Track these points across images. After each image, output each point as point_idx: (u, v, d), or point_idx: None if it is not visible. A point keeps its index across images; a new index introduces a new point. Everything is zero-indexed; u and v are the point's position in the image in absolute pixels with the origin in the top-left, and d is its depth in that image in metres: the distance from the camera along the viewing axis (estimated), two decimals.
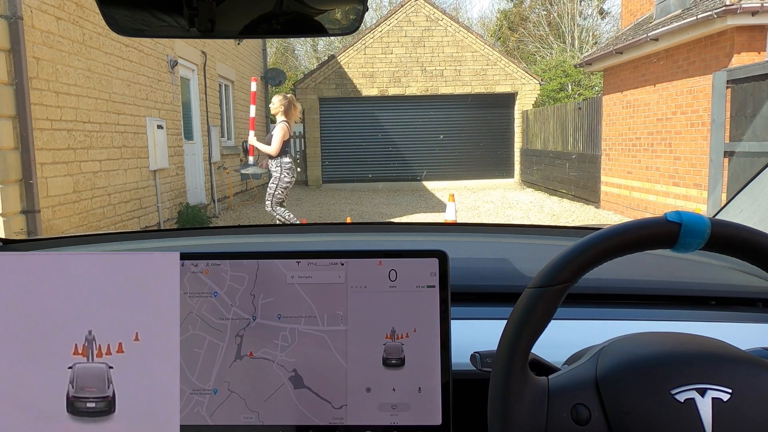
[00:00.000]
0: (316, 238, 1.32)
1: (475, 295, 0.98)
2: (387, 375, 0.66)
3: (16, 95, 4.48)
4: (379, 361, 0.67)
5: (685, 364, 0.56)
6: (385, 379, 0.66)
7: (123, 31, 0.69)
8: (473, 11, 41.41)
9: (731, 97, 6.40)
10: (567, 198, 11.68)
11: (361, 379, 0.67)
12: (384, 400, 0.66)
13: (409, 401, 0.67)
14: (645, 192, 9.06)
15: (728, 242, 0.54)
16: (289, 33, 0.73)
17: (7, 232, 4.35)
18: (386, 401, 0.64)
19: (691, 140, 7.80)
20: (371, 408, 0.66)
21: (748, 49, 6.87)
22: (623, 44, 9.06)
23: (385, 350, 0.67)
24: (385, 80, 14.78)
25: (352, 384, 0.67)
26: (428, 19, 14.76)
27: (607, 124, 10.29)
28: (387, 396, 0.65)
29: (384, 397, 0.66)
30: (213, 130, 10.09)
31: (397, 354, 0.67)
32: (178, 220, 8.17)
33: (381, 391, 0.66)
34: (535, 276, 0.57)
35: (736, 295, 1.00)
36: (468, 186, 14.54)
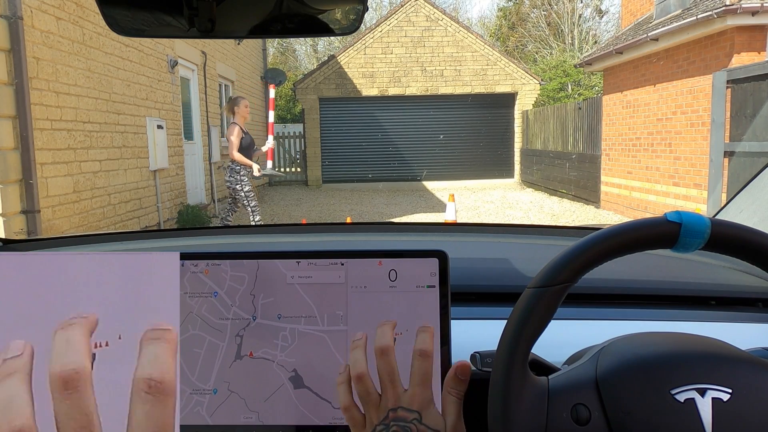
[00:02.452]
0: (316, 238, 1.32)
1: (475, 295, 0.98)
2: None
3: (16, 95, 4.48)
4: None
5: (685, 364, 0.56)
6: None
7: (123, 31, 0.69)
8: (473, 11, 41.43)
9: (731, 97, 6.40)
10: (567, 198, 11.68)
11: None
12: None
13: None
14: (645, 192, 9.06)
15: (728, 242, 0.54)
16: (289, 33, 0.73)
17: (7, 232, 4.35)
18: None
19: (691, 140, 7.80)
20: None
21: (748, 49, 6.87)
22: (623, 44, 9.06)
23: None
24: (385, 80, 14.79)
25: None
26: (428, 19, 14.76)
27: (607, 124, 10.29)
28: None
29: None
30: (213, 130, 10.09)
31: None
32: (178, 220, 8.17)
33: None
34: (535, 276, 0.57)
35: (736, 295, 1.00)
36: (468, 186, 14.55)
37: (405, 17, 14.73)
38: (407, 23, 14.73)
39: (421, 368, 0.61)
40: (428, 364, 0.61)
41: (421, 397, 0.60)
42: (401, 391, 0.60)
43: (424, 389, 0.60)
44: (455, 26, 14.92)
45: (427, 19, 14.76)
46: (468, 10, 38.06)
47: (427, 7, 14.76)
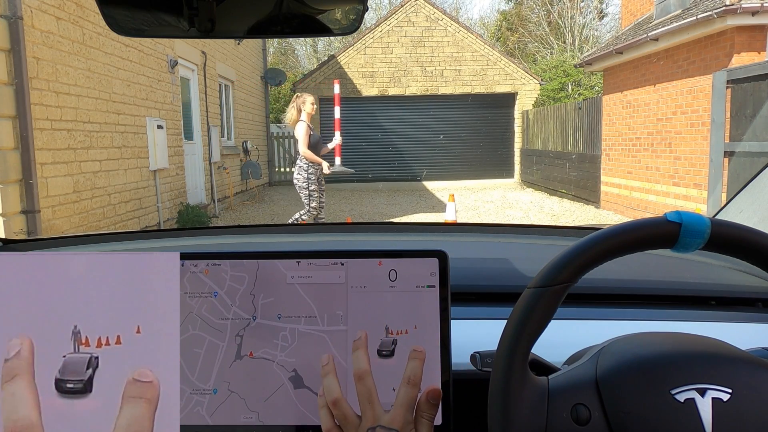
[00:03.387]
0: (316, 238, 1.32)
1: (476, 295, 0.98)
2: (387, 375, 0.66)
3: (16, 95, 4.48)
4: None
5: (685, 364, 0.56)
6: (386, 379, 0.66)
7: (123, 31, 0.69)
8: (473, 11, 41.43)
9: (731, 97, 6.40)
10: (567, 198, 11.68)
11: None
12: (384, 400, 0.66)
13: None
14: (645, 192, 9.06)
15: (728, 242, 0.54)
16: (289, 33, 0.73)
17: (7, 232, 4.35)
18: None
19: (691, 140, 7.80)
20: None
21: (748, 49, 6.87)
22: (623, 44, 9.06)
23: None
24: (385, 80, 14.78)
25: (353, 384, 0.67)
26: (428, 19, 14.76)
27: (607, 124, 10.29)
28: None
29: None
30: (213, 130, 10.09)
31: (386, 347, 0.67)
32: (178, 220, 8.17)
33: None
34: (535, 276, 0.57)
35: (736, 295, 1.00)
36: (468, 186, 14.54)
37: (405, 17, 14.72)
38: (407, 23, 14.73)
39: (408, 394, 0.62)
40: (415, 392, 0.62)
41: (402, 420, 0.61)
42: (381, 412, 0.62)
43: (406, 412, 0.62)
44: (455, 26, 14.92)
45: (427, 19, 14.76)
46: (468, 10, 38.09)
47: (427, 7, 14.76)
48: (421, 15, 14.73)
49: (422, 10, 14.72)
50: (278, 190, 14.43)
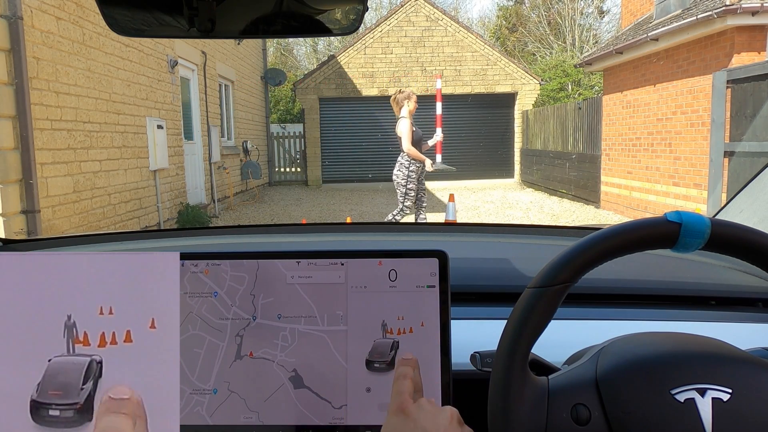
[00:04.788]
0: (316, 238, 1.32)
1: (476, 295, 0.98)
2: (387, 375, 0.66)
3: (16, 95, 4.48)
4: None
5: (685, 364, 0.56)
6: (386, 379, 0.66)
7: (123, 31, 0.69)
8: (473, 11, 41.43)
9: (731, 97, 6.40)
10: (567, 198, 11.68)
11: (361, 379, 0.67)
12: (384, 400, 0.66)
13: None
14: (645, 192, 9.06)
15: (728, 242, 0.54)
16: (289, 33, 0.73)
17: (7, 232, 4.35)
18: (387, 401, 0.64)
19: (691, 140, 7.80)
20: (371, 408, 0.66)
21: (748, 49, 6.87)
22: (623, 44, 9.06)
23: (371, 351, 0.67)
24: (385, 80, 14.78)
25: (352, 384, 0.67)
26: (428, 19, 14.76)
27: (607, 124, 10.29)
28: (387, 396, 0.65)
29: (384, 397, 0.66)
30: (213, 130, 10.09)
31: (382, 357, 0.66)
32: (178, 220, 8.17)
33: (381, 391, 0.66)
34: (535, 276, 0.57)
35: (736, 295, 1.00)
36: (468, 186, 14.54)
37: (405, 17, 14.72)
38: (407, 23, 14.73)
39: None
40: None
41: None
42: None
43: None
44: (455, 26, 14.92)
45: (427, 19, 14.76)
46: (468, 10, 38.06)
47: (427, 7, 14.76)
48: (421, 15, 14.72)
49: (422, 10, 14.71)
50: (278, 190, 14.43)
